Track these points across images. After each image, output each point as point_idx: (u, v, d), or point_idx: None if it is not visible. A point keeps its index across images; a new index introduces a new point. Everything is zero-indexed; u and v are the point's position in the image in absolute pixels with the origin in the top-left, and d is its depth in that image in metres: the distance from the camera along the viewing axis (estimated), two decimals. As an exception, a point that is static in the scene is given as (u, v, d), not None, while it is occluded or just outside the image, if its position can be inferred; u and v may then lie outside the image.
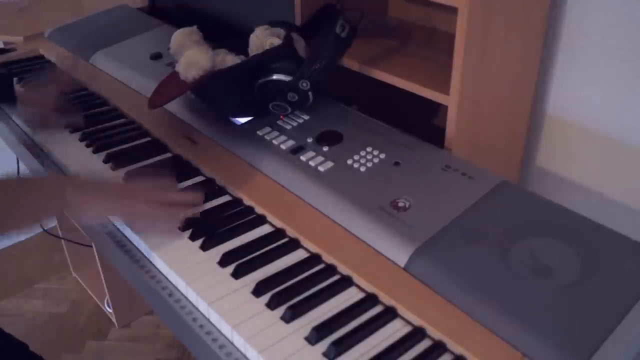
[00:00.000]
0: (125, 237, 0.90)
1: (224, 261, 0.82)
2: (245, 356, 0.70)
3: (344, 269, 0.80)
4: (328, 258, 0.82)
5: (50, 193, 0.83)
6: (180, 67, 1.04)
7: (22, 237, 2.20)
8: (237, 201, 0.94)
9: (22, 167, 1.65)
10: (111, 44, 1.43)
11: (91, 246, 1.73)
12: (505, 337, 0.68)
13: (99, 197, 0.84)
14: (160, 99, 1.08)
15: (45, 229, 1.77)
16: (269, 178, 0.96)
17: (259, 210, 0.92)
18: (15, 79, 1.30)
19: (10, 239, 2.18)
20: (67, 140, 1.13)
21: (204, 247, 0.85)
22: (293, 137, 1.01)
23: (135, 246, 0.88)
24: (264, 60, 1.02)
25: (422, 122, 1.21)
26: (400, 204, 0.85)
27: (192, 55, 1.03)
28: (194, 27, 1.15)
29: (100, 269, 1.69)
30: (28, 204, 0.81)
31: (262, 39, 1.07)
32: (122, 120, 1.19)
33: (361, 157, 0.95)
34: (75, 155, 1.08)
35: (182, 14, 1.63)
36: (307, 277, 0.79)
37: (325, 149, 0.98)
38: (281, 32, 1.08)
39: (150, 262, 0.85)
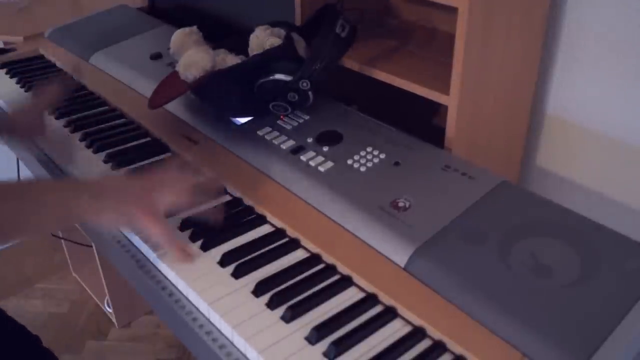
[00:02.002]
0: (125, 237, 0.90)
1: (224, 261, 0.82)
2: (245, 356, 0.70)
3: (344, 269, 0.80)
4: (328, 258, 0.82)
5: (60, 204, 0.74)
6: (180, 67, 1.04)
7: (22, 237, 2.19)
8: (237, 201, 0.94)
9: (22, 166, 1.65)
10: (111, 44, 1.43)
11: (91, 246, 1.73)
12: (505, 337, 0.68)
13: (114, 206, 0.76)
14: (160, 99, 1.08)
15: (45, 229, 1.76)
16: (269, 178, 0.96)
17: (259, 210, 0.92)
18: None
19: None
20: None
21: (204, 247, 0.85)
22: (293, 137, 1.01)
23: (135, 246, 0.88)
24: (264, 60, 1.02)
25: (422, 122, 1.21)
26: (400, 204, 0.85)
27: (192, 55, 1.03)
28: (194, 27, 1.15)
29: (100, 269, 1.69)
30: (32, 213, 0.72)
31: (262, 39, 1.07)
32: (122, 120, 1.19)
33: (361, 157, 0.95)
34: (75, 155, 1.08)
35: (182, 14, 1.63)
36: (307, 277, 0.79)
37: (325, 149, 0.98)
38: (281, 32, 1.08)
39: (150, 262, 0.85)
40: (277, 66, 1.01)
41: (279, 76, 1.00)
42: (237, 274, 0.80)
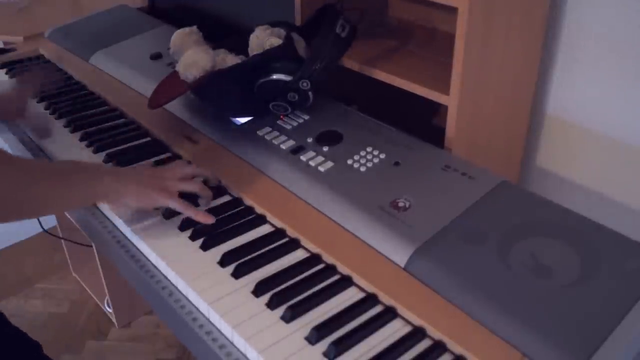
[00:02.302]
0: (125, 237, 0.90)
1: (224, 261, 0.82)
2: (245, 356, 0.70)
3: (344, 269, 0.80)
4: (328, 258, 0.82)
5: (86, 185, 0.83)
6: (180, 67, 1.04)
7: (22, 237, 2.20)
8: (237, 201, 0.94)
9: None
10: (111, 44, 1.43)
11: (91, 246, 1.73)
12: (505, 337, 0.68)
13: (135, 188, 0.85)
14: (160, 99, 1.08)
15: (46, 229, 1.76)
16: (269, 178, 0.96)
17: (259, 210, 0.92)
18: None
19: (10, 239, 2.18)
20: (67, 140, 1.13)
21: (204, 247, 0.85)
22: (293, 137, 1.01)
23: (135, 246, 0.88)
24: (264, 60, 1.02)
25: (422, 122, 1.21)
26: (400, 204, 0.85)
27: (192, 55, 1.03)
28: (194, 27, 1.15)
29: (100, 269, 1.69)
30: (61, 191, 0.81)
31: (262, 39, 1.07)
32: (122, 120, 1.19)
33: (361, 157, 0.95)
34: (76, 155, 1.08)
35: (182, 14, 1.63)
36: (307, 277, 0.79)
37: (325, 149, 0.98)
38: (281, 32, 1.08)
39: (150, 262, 0.85)
40: (277, 66, 1.01)
41: (279, 76, 1.00)
42: (237, 274, 0.80)
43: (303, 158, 0.96)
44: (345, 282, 0.79)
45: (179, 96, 1.07)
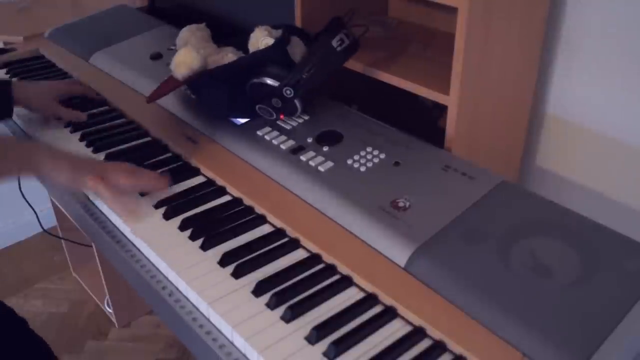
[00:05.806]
0: (125, 237, 0.90)
1: (224, 261, 0.82)
2: (245, 356, 0.70)
3: (344, 269, 0.80)
4: (328, 258, 0.82)
5: (21, 156, 0.86)
6: (171, 66, 1.04)
7: (22, 237, 2.20)
8: (237, 201, 0.94)
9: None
10: (111, 44, 1.43)
11: (91, 246, 1.73)
12: (505, 337, 0.68)
13: (69, 165, 0.88)
14: (156, 94, 1.07)
15: (46, 229, 1.76)
16: (269, 178, 0.96)
17: (259, 210, 0.92)
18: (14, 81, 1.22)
19: (10, 239, 2.18)
20: (67, 140, 1.13)
21: (204, 247, 0.85)
22: (293, 137, 1.01)
23: (135, 246, 0.88)
24: (252, 62, 1.01)
25: (422, 122, 1.21)
26: (400, 204, 0.85)
27: (181, 55, 1.02)
28: (202, 24, 1.14)
29: (100, 269, 1.69)
30: None
31: (258, 39, 1.06)
32: (122, 120, 1.19)
33: (361, 157, 0.95)
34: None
35: (182, 14, 1.63)
36: (307, 277, 0.79)
37: (325, 149, 0.98)
38: (278, 33, 1.07)
39: (151, 262, 0.85)
40: (265, 69, 0.99)
41: (263, 79, 0.99)
42: (237, 274, 0.80)
43: (303, 158, 0.96)
44: (345, 282, 0.79)
45: (172, 90, 1.06)
